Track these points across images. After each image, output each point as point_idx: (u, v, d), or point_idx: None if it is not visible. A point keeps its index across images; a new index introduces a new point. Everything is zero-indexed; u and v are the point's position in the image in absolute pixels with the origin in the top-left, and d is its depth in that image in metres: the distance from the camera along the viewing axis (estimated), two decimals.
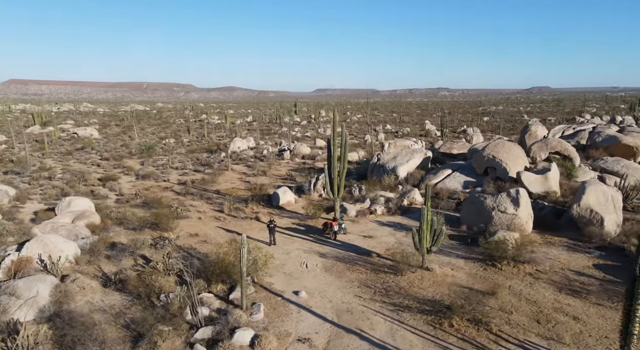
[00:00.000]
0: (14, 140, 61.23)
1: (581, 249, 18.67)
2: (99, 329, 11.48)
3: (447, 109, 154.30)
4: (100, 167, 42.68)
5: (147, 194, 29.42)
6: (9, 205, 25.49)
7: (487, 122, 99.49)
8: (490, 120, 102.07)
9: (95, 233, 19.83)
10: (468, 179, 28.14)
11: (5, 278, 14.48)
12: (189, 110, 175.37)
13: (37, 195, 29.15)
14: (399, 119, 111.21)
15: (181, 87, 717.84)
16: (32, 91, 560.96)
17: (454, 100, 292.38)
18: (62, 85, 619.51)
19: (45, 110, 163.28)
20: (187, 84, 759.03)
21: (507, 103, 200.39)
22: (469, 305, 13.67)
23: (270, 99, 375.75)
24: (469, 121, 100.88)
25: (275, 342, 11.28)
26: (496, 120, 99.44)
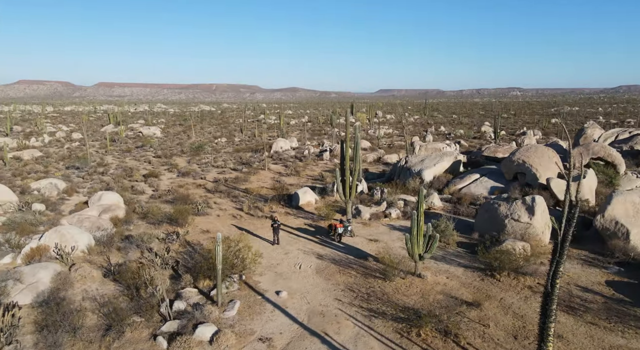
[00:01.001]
0: (86, 138, 67.25)
1: (599, 263, 17.19)
2: (81, 316, 12.49)
3: (514, 109, 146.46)
4: (150, 164, 45.68)
5: (179, 190, 31.10)
6: (57, 197, 28.25)
7: (554, 124, 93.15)
8: (564, 122, 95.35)
9: (116, 226, 21.46)
10: (496, 184, 26.75)
11: (23, 264, 16.20)
12: (250, 110, 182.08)
13: (85, 189, 31.95)
14: (458, 121, 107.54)
15: (247, 88, 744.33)
16: (116, 93, 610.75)
17: (525, 101, 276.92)
18: (142, 87, 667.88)
19: (124, 111, 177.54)
20: (253, 85, 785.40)
21: (586, 103, 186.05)
22: (447, 315, 13.16)
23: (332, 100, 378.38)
24: (534, 123, 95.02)
25: (234, 339, 11.64)
26: (566, 122, 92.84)
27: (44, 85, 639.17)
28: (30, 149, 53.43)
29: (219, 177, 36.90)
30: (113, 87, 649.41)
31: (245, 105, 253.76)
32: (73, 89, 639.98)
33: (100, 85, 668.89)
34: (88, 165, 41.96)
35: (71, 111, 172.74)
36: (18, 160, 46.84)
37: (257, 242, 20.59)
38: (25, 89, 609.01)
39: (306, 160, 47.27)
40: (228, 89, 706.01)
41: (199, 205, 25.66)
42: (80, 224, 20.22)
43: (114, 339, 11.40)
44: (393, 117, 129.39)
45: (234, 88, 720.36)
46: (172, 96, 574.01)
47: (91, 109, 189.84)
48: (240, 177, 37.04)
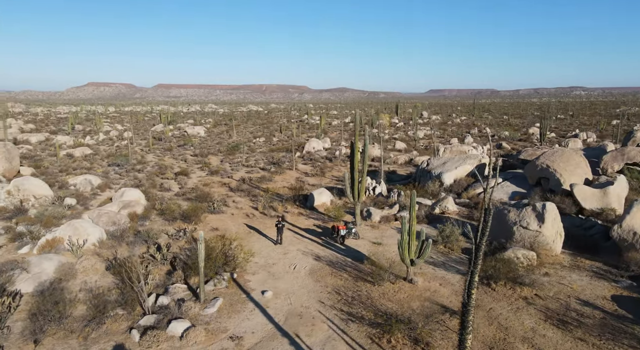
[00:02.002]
0: (131, 137, 71.12)
1: (610, 276, 16.02)
2: (72, 306, 13.30)
3: (574, 110, 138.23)
4: (186, 162, 47.55)
5: (203, 188, 32.17)
6: (90, 193, 30.18)
7: (613, 126, 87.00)
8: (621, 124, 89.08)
9: (133, 221, 22.62)
10: (518, 189, 25.51)
11: (37, 254, 17.52)
12: (296, 110, 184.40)
13: (118, 185, 33.87)
14: (507, 122, 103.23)
15: (296, 88, 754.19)
16: (173, 94, 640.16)
17: (588, 101, 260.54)
18: (197, 88, 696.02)
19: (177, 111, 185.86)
20: (302, 86, 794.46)
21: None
22: (425, 323, 12.82)
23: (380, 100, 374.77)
24: (592, 125, 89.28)
25: (203, 336, 11.97)
26: (629, 123, 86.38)
27: (110, 87, 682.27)
28: (83, 147, 57.14)
29: (245, 176, 37.81)
30: (170, 89, 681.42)
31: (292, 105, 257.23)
32: (135, 90, 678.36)
33: (159, 86, 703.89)
34: (128, 163, 44.35)
35: (130, 111, 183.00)
36: (69, 157, 50.41)
37: (262, 241, 20.98)
38: (94, 90, 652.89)
39: (336, 161, 47.36)
40: (277, 89, 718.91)
41: (215, 204, 26.45)
42: (98, 218, 21.52)
43: (93, 329, 12.08)
44: (439, 118, 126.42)
45: (283, 88, 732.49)
46: (224, 96, 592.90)
47: (148, 109, 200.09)
48: (265, 176, 37.74)
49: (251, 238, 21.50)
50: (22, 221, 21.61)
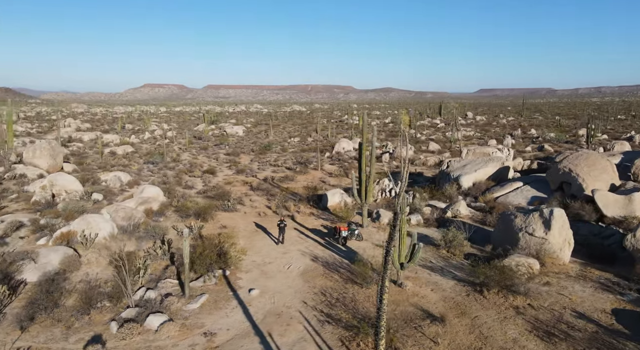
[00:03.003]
0: (174, 136, 74.15)
1: (617, 288, 14.96)
2: (66, 296, 14.14)
3: (636, 110, 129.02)
4: (217, 161, 48.98)
5: (225, 187, 33.04)
6: (119, 189, 31.84)
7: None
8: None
9: (148, 217, 23.66)
10: (538, 194, 24.24)
11: (53, 245, 18.74)
12: (338, 110, 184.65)
13: (147, 181, 35.45)
14: (557, 123, 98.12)
15: (341, 88, 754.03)
16: (222, 94, 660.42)
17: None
18: (244, 89, 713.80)
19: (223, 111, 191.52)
20: (347, 86, 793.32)
21: None
22: (401, 328, 12.58)
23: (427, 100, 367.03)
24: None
25: (177, 330, 12.36)
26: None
27: (164, 88, 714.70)
28: (126, 145, 60.25)
29: (269, 175, 38.42)
30: (219, 89, 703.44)
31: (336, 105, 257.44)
32: (186, 91, 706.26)
33: (209, 87, 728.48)
34: (163, 161, 46.32)
35: (179, 111, 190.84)
36: (112, 155, 53.34)
37: (265, 240, 21.30)
38: (149, 91, 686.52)
39: None
40: (323, 89, 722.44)
41: (230, 202, 27.09)
42: (116, 213, 22.67)
43: (77, 319, 12.78)
44: (484, 119, 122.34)
45: (328, 89, 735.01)
46: (270, 97, 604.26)
47: (196, 110, 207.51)
48: (288, 176, 38.17)
49: (256, 236, 21.88)
50: (48, 214, 23.19)
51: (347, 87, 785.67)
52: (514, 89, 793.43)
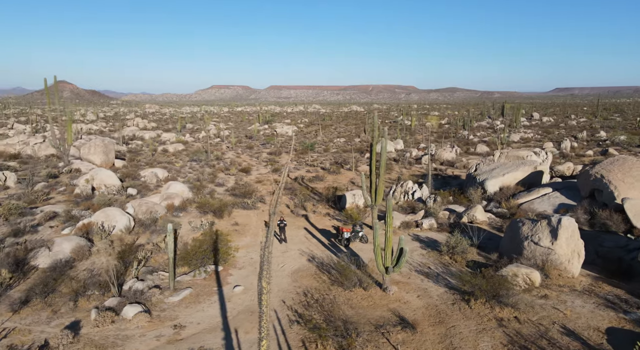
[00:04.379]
0: (224, 136, 77.09)
1: (623, 306, 13.63)
2: (66, 283, 15.28)
3: None
4: (258, 159, 50.32)
5: (254, 185, 33.87)
6: (154, 184, 33.76)
7: None
8: None
9: (169, 212, 24.91)
10: (567, 201, 22.39)
11: (76, 234, 20.33)
12: (395, 111, 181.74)
13: (184, 178, 37.25)
14: (637, 125, 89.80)
15: (403, 88, 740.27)
16: (284, 95, 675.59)
17: None
18: (306, 89, 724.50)
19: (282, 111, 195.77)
20: (409, 86, 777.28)
21: None
22: (366, 332, 12.33)
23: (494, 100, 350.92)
24: None
25: (147, 321, 12.93)
26: None
27: (229, 89, 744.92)
28: (178, 143, 63.58)
29: (301, 175, 38.82)
30: (281, 90, 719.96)
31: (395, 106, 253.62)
32: (250, 91, 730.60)
33: (272, 88, 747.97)
34: (207, 159, 48.40)
35: (240, 111, 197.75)
36: (164, 152, 56.59)
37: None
38: (216, 92, 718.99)
39: (402, 162, 46.14)
40: (384, 89, 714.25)
41: (250, 200, 27.77)
42: (139, 207, 24.13)
43: (64, 305, 13.77)
44: (551, 120, 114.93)
45: (389, 89, 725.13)
46: (330, 97, 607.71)
47: (257, 109, 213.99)
48: (320, 176, 38.35)
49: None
50: (81, 206, 25.18)
51: (409, 87, 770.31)
52: (594, 87, 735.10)
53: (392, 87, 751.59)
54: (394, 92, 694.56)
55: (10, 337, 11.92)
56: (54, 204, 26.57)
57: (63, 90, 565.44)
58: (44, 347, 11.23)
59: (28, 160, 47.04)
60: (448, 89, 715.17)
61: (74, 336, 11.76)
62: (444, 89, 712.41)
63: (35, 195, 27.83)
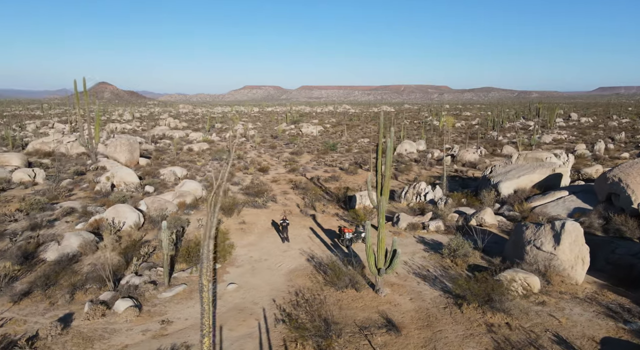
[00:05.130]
0: (249, 135, 78.12)
1: (625, 316, 13.02)
2: (68, 277, 15.81)
3: None
4: (278, 159, 50.69)
5: (269, 184, 34.14)
6: (172, 182, 34.60)
7: None
8: None
9: (180, 209, 25.48)
10: (583, 206, 21.42)
11: (87, 229, 21.12)
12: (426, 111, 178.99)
13: (203, 176, 37.99)
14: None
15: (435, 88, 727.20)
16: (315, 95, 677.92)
17: None
18: (337, 90, 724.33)
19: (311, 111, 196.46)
20: (442, 86, 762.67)
21: None
22: (349, 333, 12.26)
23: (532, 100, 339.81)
24: None
25: (136, 315, 13.25)
26: None
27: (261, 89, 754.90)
28: (204, 143, 64.90)
29: (318, 175, 38.83)
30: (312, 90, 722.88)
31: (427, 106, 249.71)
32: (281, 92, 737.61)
33: (303, 88, 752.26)
34: (228, 157, 49.20)
35: (270, 111, 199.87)
36: (189, 151, 57.94)
37: (274, 238, 21.77)
38: (248, 92, 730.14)
39: (422, 164, 45.40)
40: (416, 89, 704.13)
41: (261, 199, 28.01)
42: (152, 204, 24.80)
43: (61, 297, 14.28)
44: (590, 121, 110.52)
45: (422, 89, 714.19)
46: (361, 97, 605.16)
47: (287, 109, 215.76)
48: (337, 176, 38.24)
49: (268, 233, 22.44)
50: (99, 202, 26.13)
51: (442, 87, 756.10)
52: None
53: (425, 87, 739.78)
54: (427, 92, 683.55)
55: (5, 327, 12.50)
56: (74, 200, 27.68)
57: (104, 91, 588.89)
58: (33, 338, 11.69)
59: (60, 158, 49.24)
60: (483, 88, 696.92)
61: (63, 328, 12.19)
62: (478, 89, 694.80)
63: (58, 192, 29.10)
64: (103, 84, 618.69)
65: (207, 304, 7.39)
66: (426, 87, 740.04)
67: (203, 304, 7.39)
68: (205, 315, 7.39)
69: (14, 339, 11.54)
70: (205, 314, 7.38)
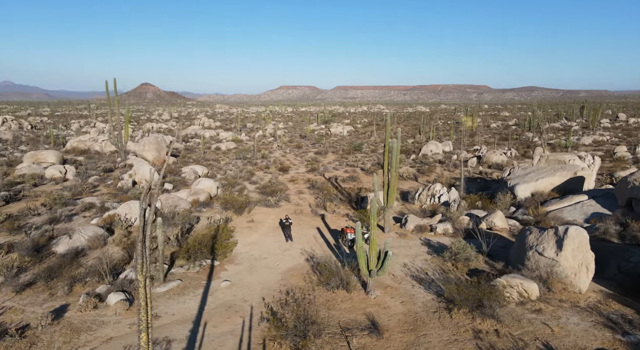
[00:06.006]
0: (275, 135, 78.86)
1: (626, 327, 12.32)
2: (71, 269, 16.48)
3: None
4: (302, 159, 50.88)
5: (285, 183, 34.34)
6: (192, 180, 35.42)
7: None
8: None
9: (193, 207, 26.05)
10: (602, 210, 20.26)
11: (99, 225, 21.95)
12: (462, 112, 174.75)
13: (223, 174, 38.69)
14: None
15: (474, 88, 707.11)
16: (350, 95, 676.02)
17: None
18: (372, 90, 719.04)
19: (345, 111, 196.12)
20: (482, 85, 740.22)
21: None
22: (329, 334, 12.15)
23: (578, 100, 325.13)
24: None
25: (124, 309, 13.59)
26: None
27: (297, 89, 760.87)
28: (231, 142, 66.07)
29: (337, 175, 38.70)
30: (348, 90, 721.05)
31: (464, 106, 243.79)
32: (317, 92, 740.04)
33: (338, 88, 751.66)
34: (253, 157, 49.91)
35: (304, 111, 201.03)
36: (217, 150, 59.18)
37: (279, 236, 21.83)
38: (283, 93, 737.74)
39: (446, 165, 44.35)
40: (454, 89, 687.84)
41: (273, 198, 28.21)
42: (165, 201, 25.49)
43: (60, 289, 14.84)
44: (639, 121, 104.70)
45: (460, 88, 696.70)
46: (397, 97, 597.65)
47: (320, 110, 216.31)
48: (355, 176, 37.98)
49: (274, 232, 22.54)
50: (118, 198, 27.12)
51: (481, 86, 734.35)
52: None
53: (463, 86, 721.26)
54: (465, 91, 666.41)
55: (3, 316, 13.17)
56: (96, 196, 28.90)
57: (146, 92, 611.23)
58: (25, 327, 12.26)
59: (94, 155, 51.54)
60: (525, 88, 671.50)
61: (54, 319, 12.72)
62: (520, 88, 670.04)
63: (83, 188, 30.45)
64: (145, 85, 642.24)
65: (143, 300, 7.48)
66: (464, 86, 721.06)
67: (140, 300, 7.49)
68: (142, 311, 7.49)
69: (7, 328, 12.13)
70: (142, 310, 7.48)
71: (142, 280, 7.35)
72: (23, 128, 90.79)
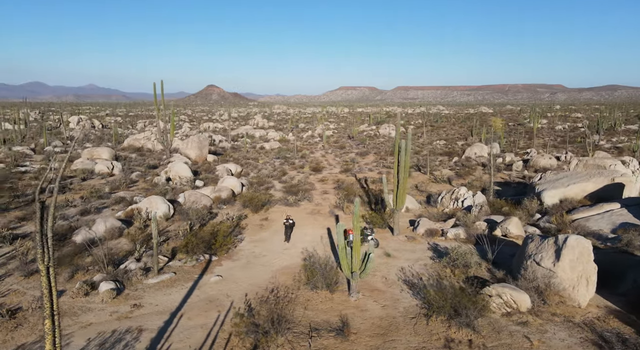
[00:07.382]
0: (322, 135, 79.14)
1: (617, 347, 11.08)
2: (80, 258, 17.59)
3: None
4: (341, 159, 50.72)
5: (313, 184, 34.43)
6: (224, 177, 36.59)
7: None
8: None
9: (214, 204, 26.89)
10: (633, 221, 18.34)
11: (122, 218, 23.31)
12: (527, 112, 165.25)
13: (256, 173, 39.54)
14: None
15: (547, 87, 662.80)
16: (410, 96, 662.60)
17: None
18: (434, 90, 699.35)
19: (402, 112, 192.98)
20: (555, 85, 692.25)
21: None
22: (293, 333, 12.10)
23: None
24: None
25: (111, 298, 14.31)
26: None
27: (356, 90, 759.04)
28: (277, 142, 67.37)
29: (368, 176, 38.17)
30: (408, 91, 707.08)
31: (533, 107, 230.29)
32: (376, 92, 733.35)
33: (398, 89, 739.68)
34: (293, 157, 50.60)
35: (360, 112, 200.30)
36: (261, 150, 60.66)
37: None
38: (343, 93, 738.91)
39: (488, 168, 42.19)
40: (523, 89, 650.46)
41: (294, 198, 28.39)
42: (189, 197, 26.58)
43: (60, 274, 15.92)
44: None
45: (530, 88, 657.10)
46: (460, 98, 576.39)
47: (378, 111, 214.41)
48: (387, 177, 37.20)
49: (282, 231, 22.66)
50: (148, 193, 28.68)
51: (554, 85, 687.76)
52: None
53: (534, 86, 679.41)
54: (535, 91, 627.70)
55: (6, 297, 14.40)
56: (131, 191, 30.71)
57: (212, 94, 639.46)
58: (18, 309, 13.34)
59: (145, 152, 54.84)
60: (606, 87, 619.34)
61: None
62: (600, 87, 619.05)
63: (120, 183, 32.51)
64: (211, 87, 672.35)
65: (46, 289, 7.79)
66: (535, 86, 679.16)
67: (42, 289, 7.83)
68: (46, 299, 7.82)
69: (1, 309, 13.24)
70: (45, 298, 7.80)
71: (43, 269, 7.70)
72: (95, 127, 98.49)
